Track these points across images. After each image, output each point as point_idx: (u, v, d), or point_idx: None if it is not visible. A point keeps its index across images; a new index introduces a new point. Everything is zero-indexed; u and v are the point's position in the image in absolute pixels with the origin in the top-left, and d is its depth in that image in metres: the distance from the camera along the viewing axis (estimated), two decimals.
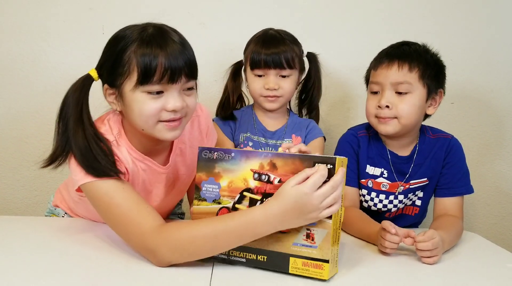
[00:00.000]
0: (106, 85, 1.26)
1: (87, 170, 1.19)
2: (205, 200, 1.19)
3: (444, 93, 1.56)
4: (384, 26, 2.03)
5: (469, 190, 1.58)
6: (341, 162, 1.09)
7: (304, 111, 1.85)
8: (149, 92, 1.19)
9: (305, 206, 1.05)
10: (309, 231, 1.10)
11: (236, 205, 1.17)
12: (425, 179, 1.58)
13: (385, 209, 1.61)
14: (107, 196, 1.19)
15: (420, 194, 1.62)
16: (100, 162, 1.19)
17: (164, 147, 1.39)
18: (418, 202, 1.64)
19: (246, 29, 1.75)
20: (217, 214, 1.17)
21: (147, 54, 1.17)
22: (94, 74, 1.26)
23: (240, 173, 1.16)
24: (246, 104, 1.84)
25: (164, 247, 1.12)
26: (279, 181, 1.12)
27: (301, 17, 2.02)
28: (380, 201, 1.60)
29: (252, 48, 1.67)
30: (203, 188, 1.20)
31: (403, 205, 1.62)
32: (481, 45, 2.07)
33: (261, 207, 1.09)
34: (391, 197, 1.59)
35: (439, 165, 1.58)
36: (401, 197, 1.59)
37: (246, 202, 1.16)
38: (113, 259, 1.19)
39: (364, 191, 1.61)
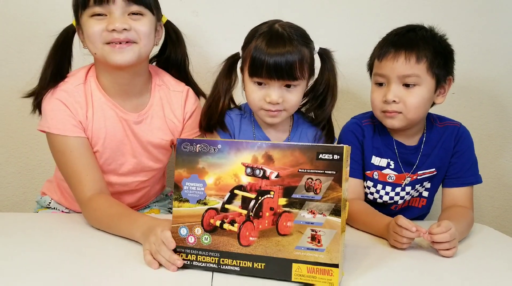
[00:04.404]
0: (77, 26, 1.39)
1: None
2: (188, 201, 1.05)
3: (453, 79, 1.49)
4: (383, 13, 1.97)
5: (478, 179, 1.53)
6: (348, 152, 1.01)
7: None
8: (92, 15, 1.31)
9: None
10: (314, 232, 0.98)
11: (226, 206, 1.04)
12: (433, 169, 1.53)
13: (392, 201, 1.55)
14: (60, 152, 1.37)
15: (428, 185, 1.57)
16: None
17: (137, 95, 1.46)
18: (425, 194, 1.58)
19: (241, 18, 1.69)
20: (203, 217, 1.04)
21: None
22: (74, 23, 1.40)
23: (230, 168, 1.03)
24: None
25: (88, 214, 1.33)
26: (277, 176, 1.00)
27: (297, 2, 1.94)
28: (387, 193, 1.54)
29: (252, 47, 1.37)
30: (185, 187, 1.05)
31: (410, 197, 1.57)
32: (482, 33, 2.02)
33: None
34: (398, 189, 1.53)
35: (448, 155, 1.52)
36: (408, 188, 1.54)
37: (237, 201, 1.03)
38: (108, 259, 1.12)
39: (370, 183, 1.55)
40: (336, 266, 0.98)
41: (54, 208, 1.59)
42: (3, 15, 1.85)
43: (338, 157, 0.97)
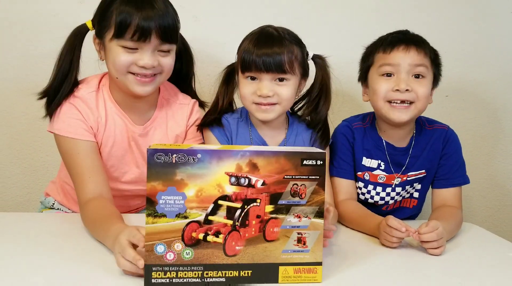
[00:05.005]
0: (94, 35, 1.42)
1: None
2: (165, 215, 0.96)
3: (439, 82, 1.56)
4: (375, 19, 2.01)
5: (466, 180, 1.58)
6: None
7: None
8: (124, 46, 1.33)
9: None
10: (300, 235, 1.01)
11: (210, 217, 0.98)
12: (423, 171, 1.57)
13: (382, 202, 1.60)
14: (67, 154, 1.41)
15: (418, 186, 1.61)
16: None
17: (145, 109, 1.50)
18: (416, 195, 1.63)
19: (240, 22, 1.71)
20: (183, 231, 0.97)
21: (124, 13, 1.30)
22: (90, 24, 1.42)
23: (212, 178, 0.97)
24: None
25: (82, 217, 1.34)
26: (263, 184, 0.98)
27: (293, 8, 1.98)
28: (377, 193, 1.58)
29: (244, 47, 1.43)
30: (160, 201, 0.96)
31: (401, 197, 1.61)
32: (474, 37, 2.06)
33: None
34: (388, 189, 1.58)
35: (436, 157, 1.57)
36: (398, 189, 1.58)
37: (222, 212, 0.99)
38: (109, 260, 1.10)
39: (361, 184, 1.59)
40: (320, 264, 1.03)
41: (58, 208, 1.63)
42: (6, 20, 1.89)
43: (321, 162, 1.00)
